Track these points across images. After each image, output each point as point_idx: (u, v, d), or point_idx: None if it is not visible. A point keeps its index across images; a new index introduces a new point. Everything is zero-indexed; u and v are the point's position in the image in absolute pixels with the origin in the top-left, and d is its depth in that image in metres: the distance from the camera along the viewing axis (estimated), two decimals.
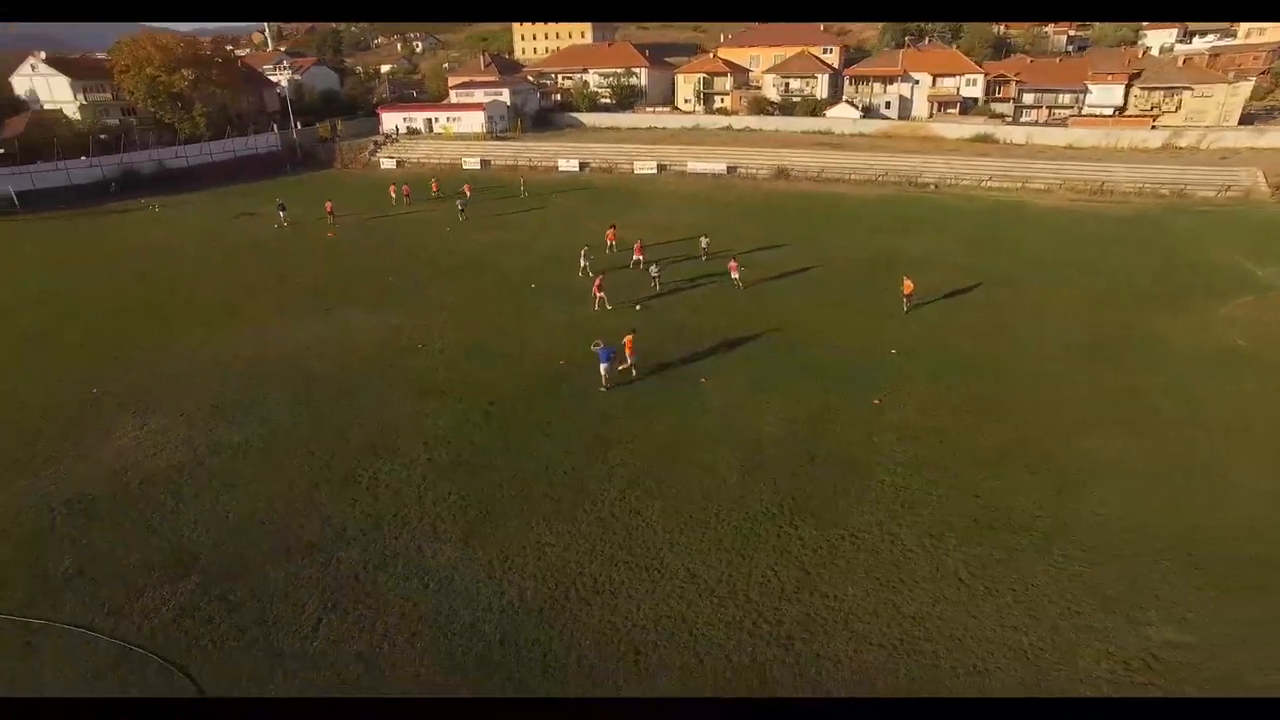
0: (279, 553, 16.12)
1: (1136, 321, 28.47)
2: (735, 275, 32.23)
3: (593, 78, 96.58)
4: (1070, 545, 15.70)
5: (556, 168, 70.45)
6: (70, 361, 26.82)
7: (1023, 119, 78.05)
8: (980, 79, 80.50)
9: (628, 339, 23.63)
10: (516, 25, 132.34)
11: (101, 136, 70.89)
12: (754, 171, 64.44)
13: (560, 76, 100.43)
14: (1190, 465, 18.67)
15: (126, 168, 65.37)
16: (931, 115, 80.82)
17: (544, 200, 54.90)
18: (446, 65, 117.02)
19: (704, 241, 37.39)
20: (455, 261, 39.03)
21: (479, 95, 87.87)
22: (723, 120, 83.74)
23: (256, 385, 24.34)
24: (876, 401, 22.32)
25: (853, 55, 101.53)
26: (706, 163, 65.89)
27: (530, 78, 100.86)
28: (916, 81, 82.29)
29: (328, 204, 50.49)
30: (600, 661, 13.02)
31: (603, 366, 22.79)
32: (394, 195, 56.26)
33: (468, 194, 52.65)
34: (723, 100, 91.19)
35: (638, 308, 30.23)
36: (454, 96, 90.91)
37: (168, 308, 32.86)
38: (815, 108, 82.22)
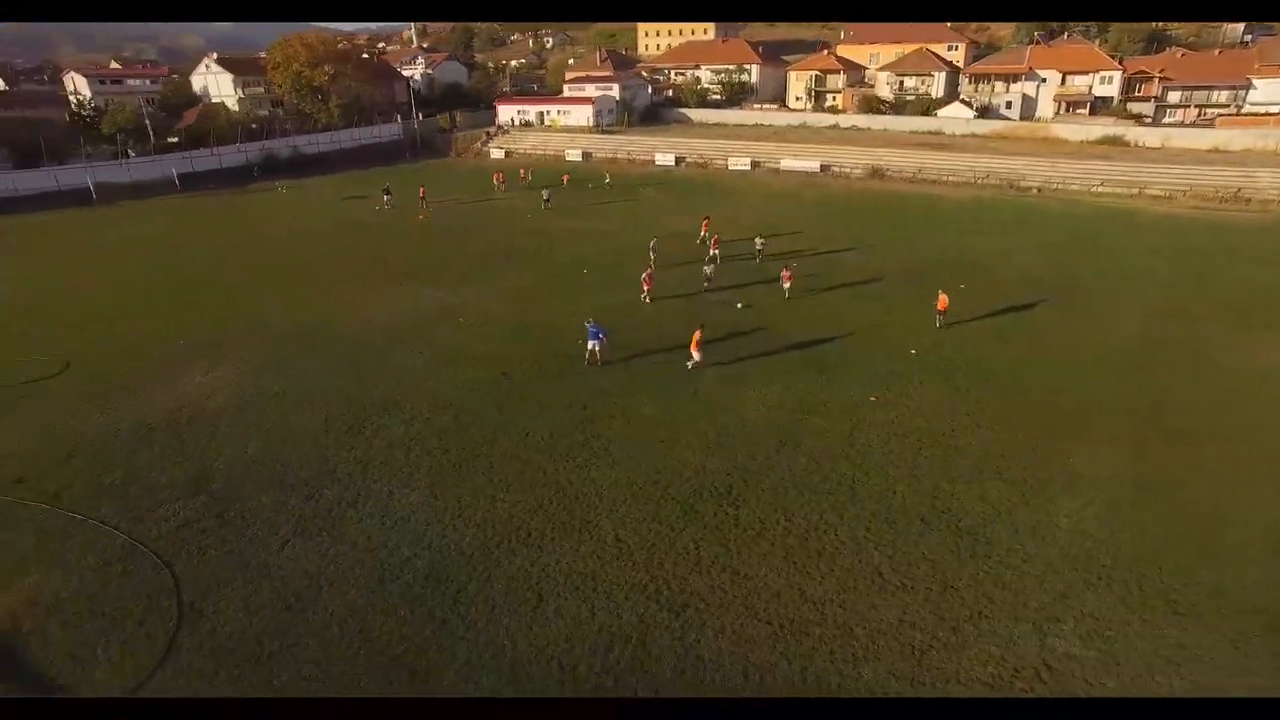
0: (275, 484, 18.41)
1: (1202, 337, 26.03)
2: (786, 285, 30.74)
3: (705, 74, 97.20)
4: (1011, 553, 15.13)
5: (653, 161, 71.82)
6: (175, 316, 31.11)
7: (1165, 119, 71.18)
8: (1116, 76, 74.03)
9: (696, 334, 23.92)
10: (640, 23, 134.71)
11: (252, 126, 79.80)
12: (848, 171, 62.89)
13: (673, 73, 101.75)
14: (1186, 488, 17.25)
15: (268, 153, 73.15)
16: (1057, 115, 75.29)
17: (631, 193, 56.32)
18: (572, 61, 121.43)
19: (759, 243, 37.14)
20: (525, 247, 41.19)
21: (590, 90, 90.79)
22: (830, 119, 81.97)
23: (306, 346, 27.32)
24: (873, 398, 21.97)
25: (981, 51, 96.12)
26: (800, 160, 64.99)
27: (644, 73, 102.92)
28: (1043, 80, 76.86)
29: (420, 190, 54.40)
30: (503, 602, 14.15)
31: (590, 344, 23.92)
32: (496, 183, 59.76)
33: (564, 183, 55.07)
34: (834, 99, 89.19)
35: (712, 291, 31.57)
36: (567, 91, 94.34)
37: (264, 276, 37.12)
38: (928, 107, 78.74)
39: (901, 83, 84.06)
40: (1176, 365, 23.97)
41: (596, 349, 24.09)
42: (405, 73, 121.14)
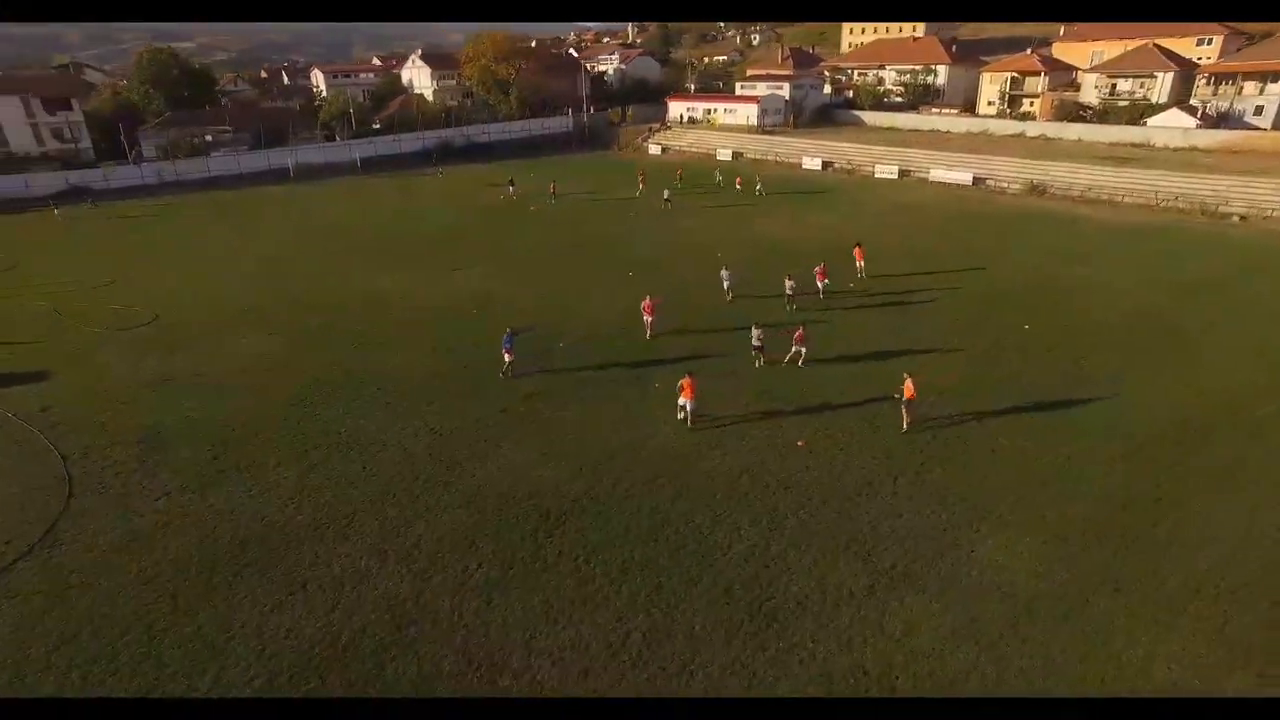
0: (279, 414, 20.87)
1: None
2: (798, 347, 24.28)
3: (889, 74, 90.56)
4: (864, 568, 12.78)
5: (800, 165, 68.59)
6: (265, 283, 35.73)
7: None
8: None
9: (685, 382, 20.26)
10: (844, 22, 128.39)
11: (442, 115, 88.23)
12: (1004, 185, 55.40)
13: (856, 72, 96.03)
14: (1142, 536, 13.35)
15: (444, 141, 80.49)
16: None
17: (754, 198, 53.87)
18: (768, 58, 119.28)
19: (789, 286, 29.48)
20: (600, 242, 41.53)
21: (761, 89, 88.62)
22: (1016, 126, 72.62)
23: (338, 317, 30.18)
24: (801, 444, 19.51)
25: (1252, 41, 79.11)
26: (953, 171, 58.43)
27: (826, 73, 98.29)
28: None
29: (551, 184, 56.73)
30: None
31: (505, 352, 23.59)
32: (638, 180, 59.26)
33: (678, 180, 54.45)
34: (1031, 104, 78.83)
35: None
36: (739, 89, 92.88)
37: (362, 253, 41.23)
38: (1143, 112, 66.75)
39: (1113, 85, 72.05)
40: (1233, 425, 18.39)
41: (507, 359, 23.73)
42: (600, 68, 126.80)
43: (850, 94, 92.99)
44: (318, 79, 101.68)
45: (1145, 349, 25.09)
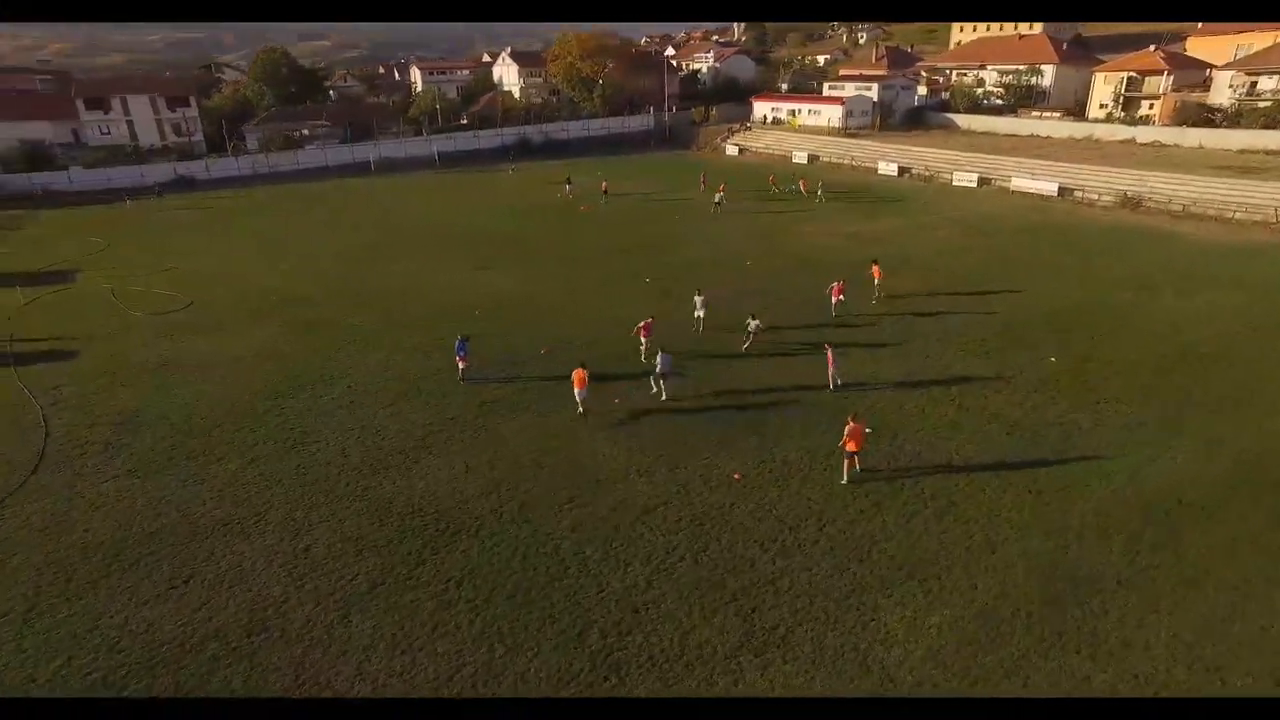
0: (250, 406, 21.91)
1: None
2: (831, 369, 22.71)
3: (990, 74, 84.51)
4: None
5: (875, 170, 65.26)
6: (299, 273, 37.46)
7: None
8: None
9: (578, 372, 21.00)
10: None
11: (527, 111, 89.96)
12: (1092, 197, 50.31)
13: (954, 72, 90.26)
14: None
15: (523, 138, 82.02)
16: None
17: (810, 203, 51.76)
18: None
19: (752, 324, 25.49)
20: (635, 247, 40.69)
21: (848, 89, 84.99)
22: (1126, 130, 65.90)
23: (348, 309, 31.32)
24: (736, 476, 18.21)
25: None
26: (1037, 180, 53.67)
27: (922, 73, 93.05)
28: None
29: (603, 183, 56.61)
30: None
31: (458, 359, 23.52)
32: (700, 182, 57.74)
33: (722, 190, 52.89)
34: (1150, 106, 71.32)
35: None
36: (827, 90, 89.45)
37: (400, 246, 42.55)
38: None
39: (1253, 84, 63.93)
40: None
41: (460, 365, 23.63)
42: (694, 66, 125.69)
43: (945, 95, 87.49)
44: (415, 75, 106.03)
45: (1190, 397, 21.80)
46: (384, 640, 13.29)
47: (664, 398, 22.02)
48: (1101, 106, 75.34)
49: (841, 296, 28.54)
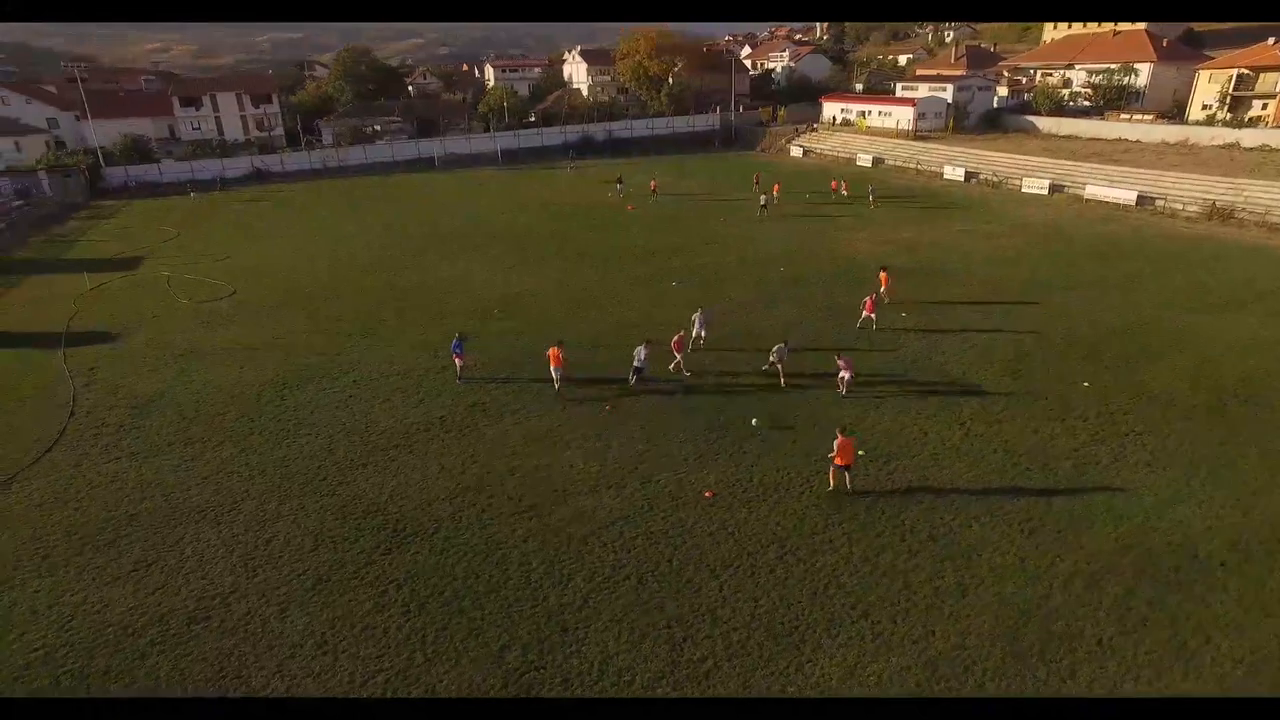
0: (257, 394, 22.81)
1: None
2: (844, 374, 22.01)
3: (1077, 74, 79.35)
4: None
5: (941, 174, 62.38)
6: (338, 263, 38.70)
7: None
8: None
9: (553, 350, 22.37)
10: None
11: (594, 109, 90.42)
12: (1175, 207, 46.38)
13: (1040, 72, 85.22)
14: None
15: (586, 136, 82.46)
16: None
17: (860, 208, 49.93)
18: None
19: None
20: (672, 250, 40.05)
21: (923, 90, 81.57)
22: (1229, 134, 60.42)
23: (372, 303, 32.03)
24: (708, 494, 17.52)
25: None
26: (1114, 188, 49.95)
27: (1005, 72, 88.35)
28: None
29: (652, 182, 56.27)
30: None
31: (455, 358, 23.54)
32: (754, 185, 55.87)
33: (775, 194, 51.59)
34: (1264, 106, 65.28)
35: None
36: (899, 90, 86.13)
37: (441, 242, 43.42)
38: None
39: None
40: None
41: (457, 364, 23.63)
42: (769, 65, 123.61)
43: (1027, 97, 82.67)
44: (489, 73, 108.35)
45: (1236, 437, 19.59)
46: (312, 638, 13.36)
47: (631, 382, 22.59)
48: (1204, 108, 69.49)
49: (872, 314, 27.05)
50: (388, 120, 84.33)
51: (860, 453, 18.61)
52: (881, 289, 28.90)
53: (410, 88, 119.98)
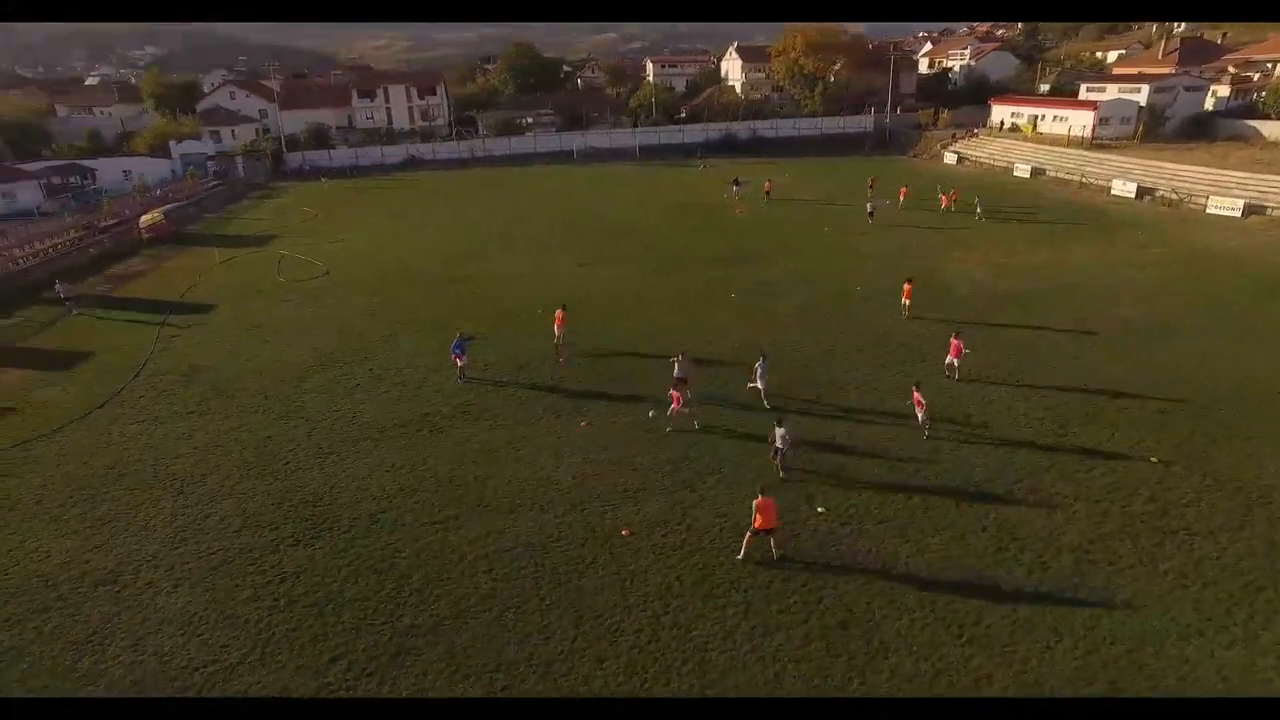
0: (282, 373, 25.09)
1: None
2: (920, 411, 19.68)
3: None
4: None
5: (1108, 190, 54.29)
6: (427, 251, 40.96)
7: None
8: None
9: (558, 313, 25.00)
10: None
11: (739, 107, 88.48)
12: None
13: (1278, 67, 71.35)
14: None
15: (729, 134, 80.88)
16: None
17: (994, 229, 44.26)
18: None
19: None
20: (753, 258, 38.16)
21: (1110, 91, 71.46)
22: None
23: (433, 292, 33.75)
24: (625, 532, 16.34)
25: None
26: None
27: (1231, 68, 75.03)
28: None
29: (766, 184, 54.07)
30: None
31: (455, 358, 23.55)
32: (876, 189, 53.02)
33: (901, 199, 47.50)
34: None
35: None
36: (1083, 92, 75.96)
37: (529, 234, 44.70)
38: None
39: None
40: None
41: (458, 364, 23.72)
42: (947, 64, 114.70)
43: (1256, 97, 69.52)
44: (648, 69, 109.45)
45: None
46: (182, 617, 14.05)
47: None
48: None
49: (957, 360, 22.95)
50: (539, 113, 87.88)
51: (820, 510, 16.58)
52: (905, 300, 26.95)
53: (579, 82, 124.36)
